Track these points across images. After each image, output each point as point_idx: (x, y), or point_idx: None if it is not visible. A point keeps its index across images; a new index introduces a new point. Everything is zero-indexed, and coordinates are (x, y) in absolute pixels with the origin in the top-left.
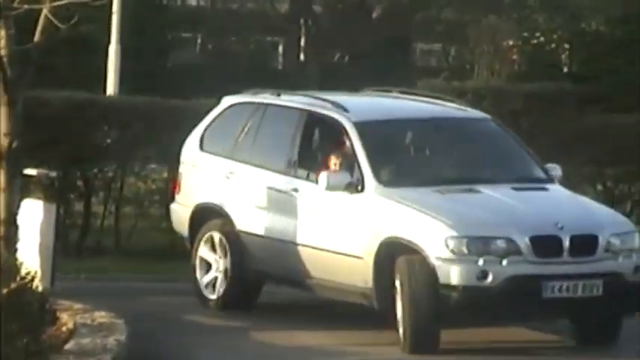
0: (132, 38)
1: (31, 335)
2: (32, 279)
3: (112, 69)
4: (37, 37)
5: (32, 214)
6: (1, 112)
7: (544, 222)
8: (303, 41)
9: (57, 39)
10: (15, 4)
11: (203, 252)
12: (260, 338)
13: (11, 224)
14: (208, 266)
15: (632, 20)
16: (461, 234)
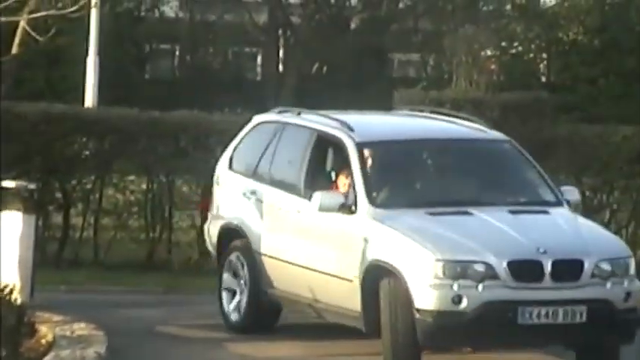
0: (109, 50)
1: (9, 347)
2: (11, 291)
3: (90, 81)
4: (14, 50)
5: (11, 226)
6: None
7: (526, 246)
8: (281, 52)
9: (35, 51)
10: None
11: (225, 274)
12: (239, 350)
13: None
14: (230, 289)
15: (609, 30)
16: (437, 257)
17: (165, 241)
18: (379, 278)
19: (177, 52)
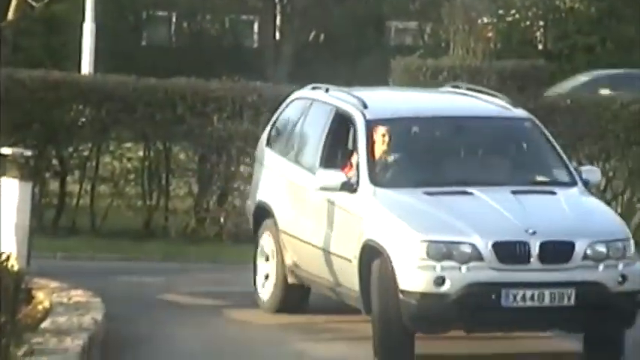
0: (106, 17)
1: (6, 314)
2: (7, 258)
3: (86, 48)
4: (10, 16)
5: (8, 193)
6: None
7: (514, 227)
8: (278, 20)
9: (31, 18)
10: None
11: (259, 253)
12: (235, 317)
13: None
14: (263, 269)
15: None
16: (422, 238)
17: (162, 209)
18: (372, 259)
19: (173, 19)
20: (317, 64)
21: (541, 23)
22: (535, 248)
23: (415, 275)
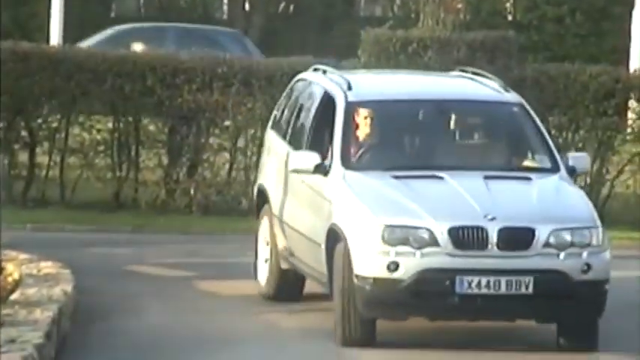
0: None
1: None
2: None
3: (55, 19)
4: None
5: None
6: None
7: (473, 213)
8: None
9: None
10: None
11: (258, 239)
12: (205, 288)
13: None
14: (262, 255)
15: None
16: (378, 222)
17: (131, 180)
18: (335, 243)
19: None
20: (287, 36)
21: None
22: (493, 234)
23: (370, 260)
